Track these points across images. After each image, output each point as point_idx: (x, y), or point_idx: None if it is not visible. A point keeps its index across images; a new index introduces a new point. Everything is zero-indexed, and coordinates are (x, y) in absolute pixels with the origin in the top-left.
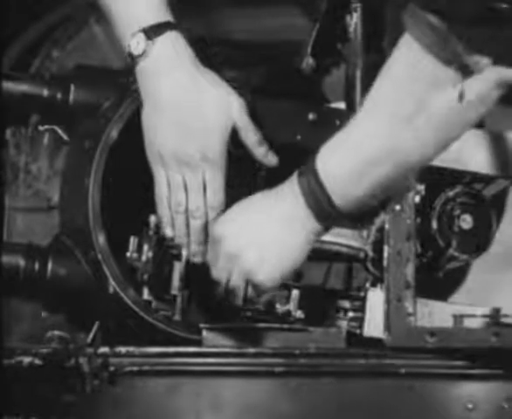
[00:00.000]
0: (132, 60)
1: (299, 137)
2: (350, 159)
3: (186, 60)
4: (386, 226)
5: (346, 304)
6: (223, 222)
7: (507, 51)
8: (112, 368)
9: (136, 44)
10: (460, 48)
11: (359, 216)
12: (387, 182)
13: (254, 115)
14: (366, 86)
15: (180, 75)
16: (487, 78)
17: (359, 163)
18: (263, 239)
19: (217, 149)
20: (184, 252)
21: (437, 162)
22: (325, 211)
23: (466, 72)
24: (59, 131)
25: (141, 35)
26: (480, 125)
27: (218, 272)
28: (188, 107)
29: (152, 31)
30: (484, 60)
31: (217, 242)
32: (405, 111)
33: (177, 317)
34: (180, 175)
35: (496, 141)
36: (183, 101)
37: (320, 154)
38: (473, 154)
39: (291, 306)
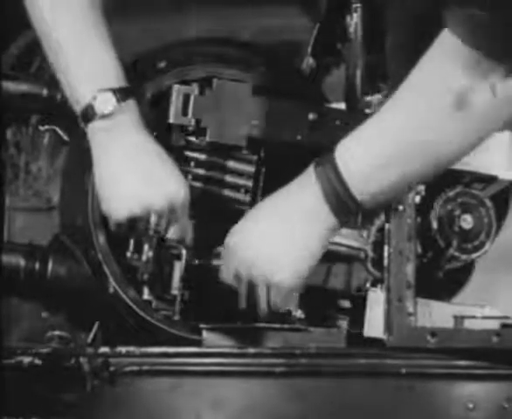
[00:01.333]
0: (87, 117)
1: (299, 137)
2: (376, 152)
3: (143, 126)
4: (387, 226)
5: (346, 304)
6: (237, 231)
7: None
8: (112, 368)
9: (104, 102)
10: (504, 43)
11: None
12: (415, 178)
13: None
14: (366, 86)
15: (143, 135)
16: None
17: (386, 157)
18: (278, 245)
19: (183, 198)
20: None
21: None
22: (345, 207)
23: (508, 68)
24: (59, 131)
25: (111, 95)
26: None
27: (236, 282)
28: (154, 161)
29: (121, 94)
30: None
31: (233, 252)
32: (443, 104)
33: (177, 317)
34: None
35: (496, 142)
36: (151, 154)
37: (341, 146)
38: (473, 155)
39: (291, 306)
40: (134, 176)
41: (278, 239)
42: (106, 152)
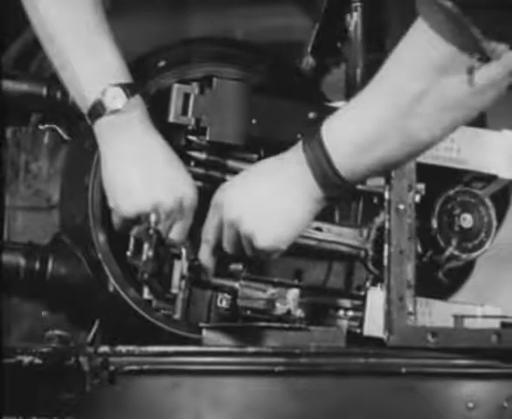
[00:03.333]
0: (95, 113)
1: (299, 136)
2: (358, 133)
3: (150, 120)
4: (387, 225)
5: (346, 303)
6: (225, 188)
7: None
8: (112, 367)
9: (113, 98)
10: (476, 33)
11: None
12: (395, 158)
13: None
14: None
15: (151, 130)
16: (501, 62)
17: (367, 138)
18: (264, 205)
19: (192, 198)
20: (184, 251)
21: (437, 162)
22: (331, 181)
23: (482, 58)
24: (59, 130)
25: (120, 90)
26: (480, 124)
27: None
28: (165, 160)
29: (130, 89)
30: (501, 46)
31: (219, 208)
32: (415, 92)
33: (178, 316)
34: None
35: (496, 141)
36: (161, 153)
37: (326, 124)
38: (473, 154)
39: (291, 306)
40: (145, 174)
41: (263, 203)
42: (114, 148)
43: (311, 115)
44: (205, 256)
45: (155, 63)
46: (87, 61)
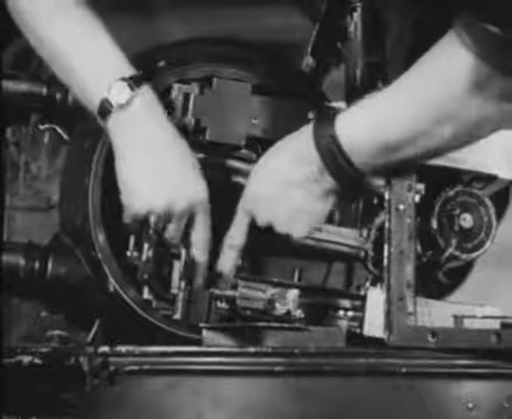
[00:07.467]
0: (104, 111)
1: None
2: (378, 136)
3: (162, 112)
4: (387, 225)
5: (346, 303)
6: (252, 194)
7: None
8: (112, 368)
9: (118, 93)
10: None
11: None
12: (414, 159)
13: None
14: (366, 86)
15: (163, 123)
16: None
17: (385, 141)
18: (290, 204)
19: (204, 197)
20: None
21: (437, 162)
22: (347, 175)
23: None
24: (59, 130)
25: (124, 84)
26: None
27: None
28: (180, 158)
29: (133, 81)
30: None
31: (250, 214)
32: (446, 109)
33: (178, 316)
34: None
35: (496, 141)
36: (172, 149)
37: (342, 122)
38: (473, 154)
39: (291, 306)
40: (157, 173)
41: (289, 203)
42: (125, 144)
43: (311, 115)
44: (229, 264)
45: (155, 63)
46: (87, 63)
